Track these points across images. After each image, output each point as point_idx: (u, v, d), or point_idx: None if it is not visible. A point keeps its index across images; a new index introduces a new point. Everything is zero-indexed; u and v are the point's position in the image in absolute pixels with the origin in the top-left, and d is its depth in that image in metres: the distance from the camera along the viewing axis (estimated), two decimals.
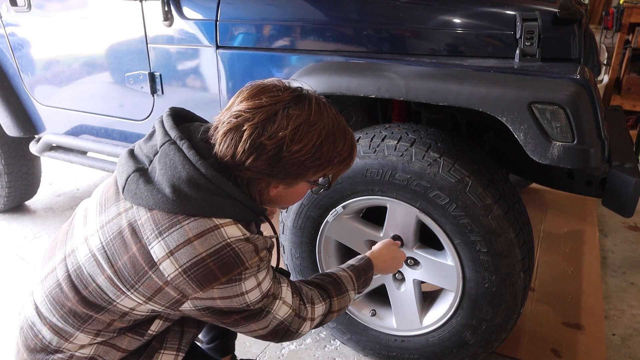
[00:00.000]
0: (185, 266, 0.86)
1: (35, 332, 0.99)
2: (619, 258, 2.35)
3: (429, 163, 1.31)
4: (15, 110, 2.36)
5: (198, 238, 0.86)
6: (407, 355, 1.60)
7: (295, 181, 0.96)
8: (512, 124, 1.17)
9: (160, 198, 0.87)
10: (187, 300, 0.90)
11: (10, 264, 2.39)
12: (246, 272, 0.90)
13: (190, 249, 0.86)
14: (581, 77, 1.13)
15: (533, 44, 1.26)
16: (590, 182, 1.50)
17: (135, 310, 0.94)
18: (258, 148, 0.88)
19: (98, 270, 0.92)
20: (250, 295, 0.93)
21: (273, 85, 0.93)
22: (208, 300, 0.90)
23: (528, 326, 1.85)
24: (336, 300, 1.15)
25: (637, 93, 3.76)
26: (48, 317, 0.97)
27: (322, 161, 0.94)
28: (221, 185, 0.89)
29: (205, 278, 0.87)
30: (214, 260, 0.86)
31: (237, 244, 0.88)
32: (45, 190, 3.23)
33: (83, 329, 0.95)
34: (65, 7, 2.00)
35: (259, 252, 0.92)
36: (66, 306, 0.95)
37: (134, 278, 0.89)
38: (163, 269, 0.87)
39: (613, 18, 3.78)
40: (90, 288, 0.93)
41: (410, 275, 1.53)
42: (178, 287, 0.88)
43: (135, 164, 0.94)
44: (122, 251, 0.90)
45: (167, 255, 0.86)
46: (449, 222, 1.33)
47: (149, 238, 0.88)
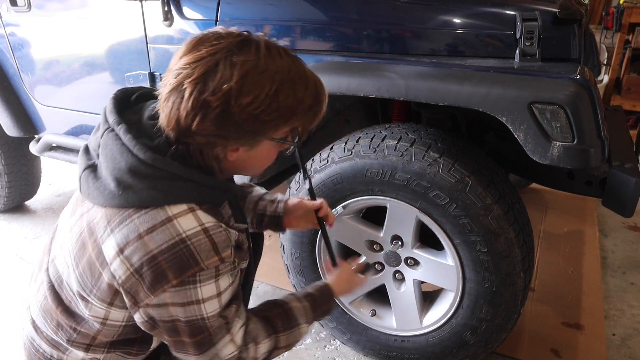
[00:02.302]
0: (136, 265, 0.77)
1: (36, 348, 0.96)
2: (619, 258, 2.35)
3: (429, 163, 1.31)
4: (15, 110, 2.36)
5: (149, 233, 0.77)
6: (407, 355, 1.60)
7: (254, 140, 0.83)
8: (512, 124, 1.17)
9: (107, 194, 0.79)
10: (139, 308, 0.81)
11: (10, 264, 2.39)
12: (201, 274, 0.79)
13: (140, 245, 0.77)
14: (581, 77, 1.13)
15: (533, 44, 1.26)
16: (590, 182, 1.50)
17: (109, 319, 0.87)
18: (202, 107, 0.76)
19: (70, 277, 0.86)
20: (207, 305, 0.82)
21: (213, 33, 0.80)
22: (160, 307, 0.80)
23: (528, 326, 1.85)
24: (283, 336, 1.00)
25: (637, 93, 3.76)
26: (44, 331, 0.94)
27: (282, 112, 0.80)
28: (165, 167, 0.78)
29: (156, 279, 0.77)
30: (165, 258, 0.77)
31: (193, 239, 0.78)
32: (45, 190, 3.23)
33: (72, 343, 0.91)
34: (65, 7, 2.00)
35: (220, 251, 0.80)
36: (55, 318, 0.91)
37: (91, 282, 0.83)
38: (114, 269, 0.79)
39: (613, 18, 3.78)
40: (69, 297, 0.88)
41: (410, 275, 1.53)
42: (130, 290, 0.79)
43: (87, 160, 0.86)
44: (82, 254, 0.83)
45: (117, 253, 0.78)
46: (449, 222, 1.33)
47: (102, 236, 0.80)
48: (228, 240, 0.83)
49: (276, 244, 1.70)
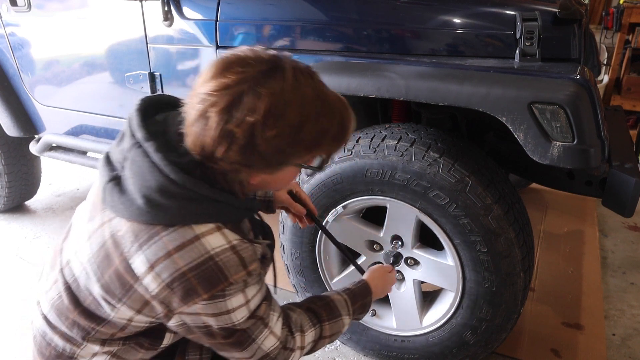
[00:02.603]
0: (167, 281, 0.80)
1: (47, 341, 0.97)
2: (619, 258, 2.35)
3: (429, 163, 1.31)
4: (15, 110, 2.36)
5: (178, 251, 0.79)
6: (407, 355, 1.60)
7: (279, 167, 0.84)
8: (512, 124, 1.17)
9: (134, 210, 0.80)
10: (174, 315, 0.85)
11: (10, 264, 2.39)
12: (230, 289, 0.82)
13: (170, 263, 0.79)
14: (581, 77, 1.13)
15: (533, 44, 1.26)
16: (590, 182, 1.51)
17: (133, 322, 0.90)
18: (227, 137, 0.76)
19: (89, 283, 0.88)
20: (237, 313, 0.85)
21: (242, 58, 0.78)
22: (193, 315, 0.84)
23: (528, 326, 1.85)
24: (327, 325, 1.05)
25: (637, 93, 3.76)
26: (57, 326, 0.95)
27: (307, 144, 0.81)
28: (195, 189, 0.80)
29: (187, 293, 0.80)
30: (194, 275, 0.79)
31: (221, 256, 0.80)
32: (45, 190, 3.23)
33: (88, 339, 0.93)
34: (65, 7, 2.00)
35: (247, 265, 0.83)
36: (70, 318, 0.92)
37: (121, 292, 0.85)
38: (146, 284, 0.82)
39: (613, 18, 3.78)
40: (88, 301, 0.90)
41: (410, 275, 1.53)
42: (163, 301, 0.83)
43: (110, 171, 0.86)
44: (106, 264, 0.85)
45: (148, 270, 0.80)
46: (449, 222, 1.33)
47: (130, 251, 0.82)
48: (254, 254, 0.85)
49: (276, 244, 1.70)
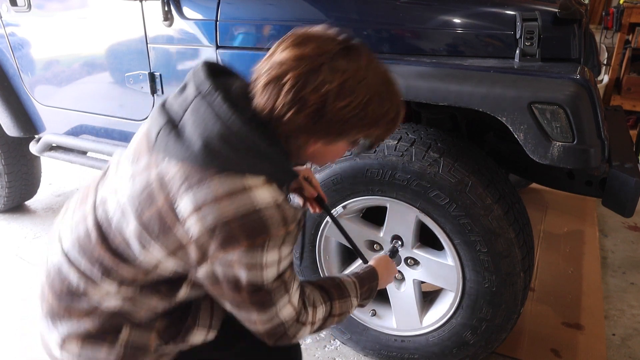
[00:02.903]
0: (211, 225, 0.81)
1: (62, 277, 0.96)
2: (619, 258, 2.35)
3: (429, 163, 1.31)
4: (15, 110, 2.36)
5: (226, 198, 0.81)
6: (407, 355, 1.60)
7: (336, 139, 0.91)
8: (512, 124, 1.17)
9: (190, 153, 0.83)
10: (207, 261, 0.86)
11: (10, 264, 2.39)
12: (270, 242, 0.84)
13: (216, 208, 0.81)
14: (581, 77, 1.13)
15: (533, 44, 1.26)
16: (590, 182, 1.51)
17: (159, 268, 0.91)
18: (299, 102, 0.82)
19: (125, 223, 0.89)
20: (268, 271, 0.88)
21: (319, 35, 0.86)
22: (226, 265, 0.85)
23: (528, 326, 1.85)
24: (337, 304, 1.09)
25: (637, 93, 3.76)
26: (75, 262, 0.94)
27: (367, 121, 0.88)
28: (256, 143, 0.83)
29: (228, 240, 0.82)
30: (239, 223, 0.81)
31: (266, 211, 0.83)
32: (45, 190, 3.23)
33: (107, 278, 0.93)
34: (65, 7, 2.00)
35: (288, 224, 0.86)
36: (94, 255, 0.92)
37: (158, 231, 0.86)
38: (188, 226, 0.83)
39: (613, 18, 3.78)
40: (117, 241, 0.90)
41: (410, 275, 1.53)
42: (201, 246, 0.84)
43: (166, 117, 0.89)
44: (149, 204, 0.86)
45: (193, 212, 0.82)
46: (449, 222, 1.33)
47: (177, 193, 0.83)
48: (295, 215, 0.88)
49: None
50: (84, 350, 0.97)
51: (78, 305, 0.95)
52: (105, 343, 0.96)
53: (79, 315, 0.96)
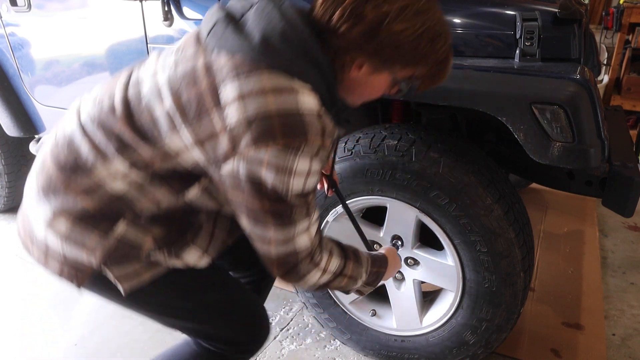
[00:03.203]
0: (251, 116, 0.80)
1: (71, 148, 0.93)
2: (619, 258, 2.35)
3: (429, 163, 1.31)
4: (15, 110, 2.36)
5: (272, 92, 0.80)
6: (407, 355, 1.60)
7: (382, 66, 0.90)
8: (512, 124, 1.17)
9: (246, 45, 0.83)
10: (235, 157, 0.83)
11: (10, 264, 2.39)
12: (305, 148, 0.82)
13: (261, 100, 0.80)
14: (581, 77, 1.13)
15: (533, 44, 1.26)
16: (590, 182, 1.50)
17: (180, 156, 0.89)
18: (357, 17, 0.83)
19: (158, 102, 0.87)
20: (295, 180, 0.85)
21: None
22: (256, 163, 0.82)
23: (528, 326, 1.85)
24: (351, 265, 1.07)
25: (637, 93, 3.76)
26: (90, 134, 0.92)
27: (417, 53, 0.87)
28: (312, 49, 0.84)
29: (264, 134, 0.80)
30: (280, 120, 0.80)
31: (308, 116, 0.82)
32: None
33: (122, 155, 0.90)
34: (65, 7, 2.00)
35: (325, 136, 0.85)
36: (113, 130, 0.90)
37: (194, 114, 0.84)
38: (227, 112, 0.81)
39: (613, 18, 3.78)
40: (144, 119, 0.88)
41: (410, 275, 1.53)
42: (235, 137, 0.82)
43: (224, 12, 0.88)
44: (190, 87, 0.85)
45: (237, 98, 0.80)
46: (449, 222, 1.33)
47: (223, 78, 0.83)
48: (332, 132, 0.87)
49: None
50: (73, 232, 0.93)
51: (80, 180, 0.92)
52: (97, 230, 0.92)
53: (78, 191, 0.92)
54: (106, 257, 0.93)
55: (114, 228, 0.93)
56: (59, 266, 0.96)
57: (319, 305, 1.69)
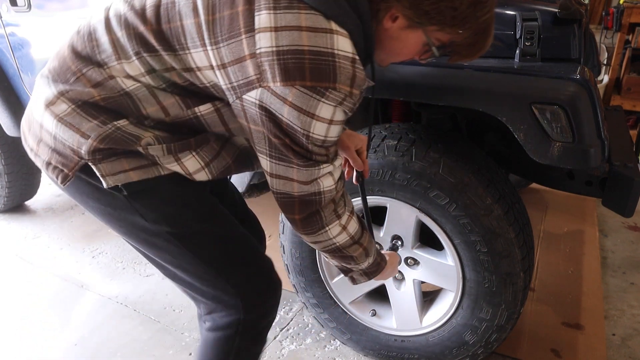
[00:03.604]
0: (282, 48, 0.78)
1: (91, 37, 0.91)
2: (619, 258, 2.35)
3: (429, 163, 1.31)
4: (15, 110, 2.36)
5: (309, 30, 0.78)
6: (407, 355, 1.60)
7: (417, 22, 0.86)
8: (512, 124, 1.17)
9: None
10: (258, 88, 0.81)
11: (10, 264, 2.39)
12: (331, 93, 0.80)
13: (296, 35, 0.78)
14: (581, 77, 1.13)
15: (533, 44, 1.26)
16: (590, 182, 1.50)
17: (200, 72, 0.86)
18: None
19: (191, 13, 0.84)
20: (317, 126, 0.83)
21: None
22: (279, 99, 0.80)
23: (528, 326, 1.85)
24: (367, 237, 1.07)
25: (637, 93, 3.76)
26: (114, 29, 0.89)
27: (456, 16, 0.84)
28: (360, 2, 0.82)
29: (293, 71, 0.78)
30: (311, 59, 0.78)
31: (342, 60, 0.80)
32: (45, 190, 3.23)
33: (140, 57, 0.87)
34: (65, 7, 2.00)
35: (354, 86, 0.82)
36: (138, 29, 0.87)
37: (224, 34, 0.82)
38: (259, 38, 0.79)
39: (613, 18, 3.78)
40: (172, 25, 0.86)
41: (410, 275, 1.53)
42: (261, 65, 0.79)
43: None
44: (226, 6, 0.82)
45: (271, 28, 0.78)
46: (449, 222, 1.33)
47: (261, 6, 0.79)
48: (363, 82, 0.84)
49: (276, 244, 1.70)
50: (71, 116, 0.89)
51: (92, 72, 0.89)
52: (96, 120, 0.89)
53: (88, 82, 0.89)
54: (99, 143, 0.88)
55: (115, 122, 0.89)
56: (49, 154, 0.93)
57: (319, 305, 1.69)
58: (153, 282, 2.21)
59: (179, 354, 1.77)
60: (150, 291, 2.14)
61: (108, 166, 0.90)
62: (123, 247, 2.51)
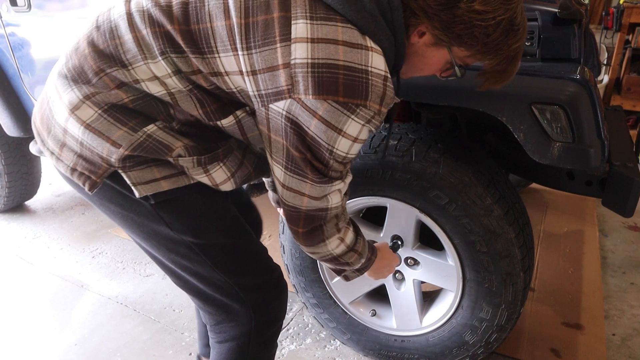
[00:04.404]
0: (318, 61, 0.77)
1: (114, 35, 0.86)
2: (619, 258, 2.35)
3: (429, 163, 1.31)
4: (15, 110, 2.36)
5: (345, 44, 0.78)
6: (407, 355, 1.60)
7: (445, 42, 0.86)
8: (512, 124, 1.17)
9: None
10: (288, 98, 0.79)
11: (10, 264, 2.39)
12: (362, 110, 0.80)
13: (332, 48, 0.77)
14: (581, 77, 1.13)
15: (533, 44, 1.26)
16: (590, 182, 1.50)
17: (228, 77, 0.84)
18: None
19: (222, 15, 0.82)
20: (342, 142, 0.83)
21: None
22: (308, 111, 0.79)
23: (528, 326, 1.85)
24: (361, 242, 1.08)
25: (637, 93, 3.76)
26: (138, 27, 0.85)
27: (487, 42, 0.84)
28: (395, 17, 0.82)
29: (327, 85, 0.77)
30: (346, 75, 0.78)
31: (374, 78, 0.80)
32: (45, 190, 3.23)
33: (166, 57, 0.83)
34: (65, 7, 2.00)
35: (383, 103, 0.82)
36: (165, 28, 0.83)
37: (258, 40, 0.80)
38: (294, 48, 0.77)
39: (613, 18, 3.78)
40: (201, 26, 0.83)
41: (410, 275, 1.53)
42: (295, 76, 0.78)
43: None
44: (261, 11, 0.80)
45: (307, 39, 0.77)
46: (449, 222, 1.33)
47: (298, 14, 0.78)
48: (392, 101, 0.85)
49: (276, 244, 1.70)
50: (99, 122, 0.85)
51: (116, 72, 0.85)
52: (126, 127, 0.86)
53: (112, 82, 0.85)
54: (131, 152, 0.86)
55: (145, 128, 0.86)
56: (74, 159, 0.89)
57: (319, 305, 1.69)
58: (153, 282, 2.21)
59: (179, 354, 1.77)
60: (150, 291, 2.15)
61: (139, 174, 0.89)
62: (123, 247, 2.51)
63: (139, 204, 0.93)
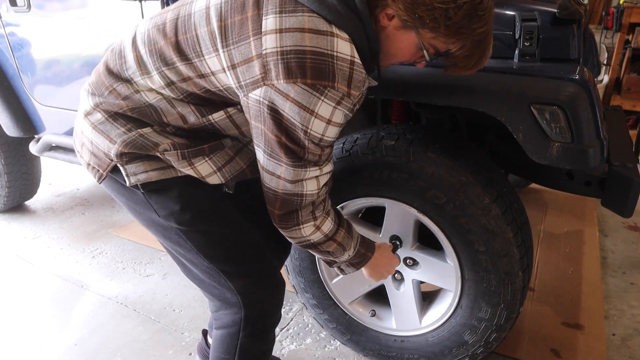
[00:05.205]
0: (286, 48, 0.84)
1: (120, 55, 1.03)
2: (619, 258, 2.35)
3: (426, 163, 1.31)
4: (15, 110, 2.37)
5: (311, 32, 0.85)
6: (406, 355, 1.60)
7: (409, 23, 0.89)
8: (511, 124, 1.17)
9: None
10: (263, 86, 0.87)
11: (10, 264, 2.40)
12: (330, 92, 0.86)
13: (299, 36, 0.84)
14: (580, 78, 1.13)
15: (532, 44, 1.26)
16: (589, 182, 1.50)
17: (214, 76, 0.94)
18: None
19: (204, 22, 0.93)
20: (316, 122, 0.89)
21: None
22: (281, 95, 0.86)
23: (528, 326, 1.85)
24: (342, 233, 1.11)
25: (637, 93, 3.76)
26: (139, 47, 1.00)
27: (449, 25, 0.87)
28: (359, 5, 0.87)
29: (295, 69, 0.84)
30: (313, 59, 0.84)
31: (340, 61, 0.86)
32: (45, 190, 3.24)
33: (161, 72, 0.97)
34: (65, 7, 2.00)
35: (352, 86, 0.88)
36: (158, 44, 0.97)
37: (235, 38, 0.89)
38: (265, 40, 0.86)
39: (613, 18, 3.78)
40: (188, 35, 0.94)
41: (409, 276, 1.53)
42: (267, 64, 0.86)
43: None
44: (237, 12, 0.90)
45: (276, 30, 0.85)
46: (447, 222, 1.33)
47: (268, 11, 0.87)
48: (362, 83, 0.90)
49: None
50: (104, 124, 1.03)
51: (122, 87, 1.02)
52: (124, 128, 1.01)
53: (119, 95, 1.02)
54: (123, 148, 1.00)
55: (140, 130, 1.01)
56: (89, 156, 1.07)
57: (318, 305, 1.69)
58: (153, 282, 2.21)
59: (179, 354, 1.77)
60: (150, 291, 2.15)
61: (132, 167, 1.02)
62: (123, 247, 2.52)
63: (135, 194, 1.06)
